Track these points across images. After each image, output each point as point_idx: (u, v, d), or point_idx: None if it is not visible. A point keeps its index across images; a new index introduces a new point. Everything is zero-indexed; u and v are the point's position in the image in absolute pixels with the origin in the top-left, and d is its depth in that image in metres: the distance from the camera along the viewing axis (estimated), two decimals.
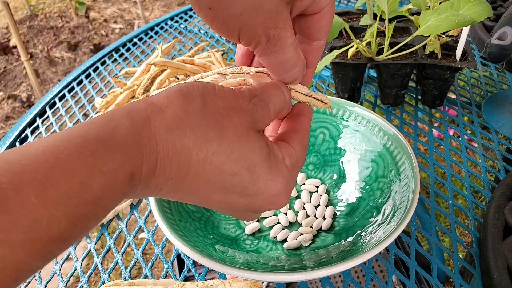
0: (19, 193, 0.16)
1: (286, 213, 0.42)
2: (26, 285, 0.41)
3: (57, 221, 0.17)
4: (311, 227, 0.41)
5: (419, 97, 0.62)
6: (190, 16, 0.98)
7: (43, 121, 0.67)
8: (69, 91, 0.73)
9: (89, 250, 0.44)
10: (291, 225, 0.42)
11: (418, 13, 0.62)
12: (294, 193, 0.45)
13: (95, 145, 0.18)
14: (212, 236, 0.38)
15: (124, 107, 0.21)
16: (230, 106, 0.23)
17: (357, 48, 0.55)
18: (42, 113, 0.69)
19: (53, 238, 0.17)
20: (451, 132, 0.56)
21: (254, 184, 0.23)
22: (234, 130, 0.23)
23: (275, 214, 0.43)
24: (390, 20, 0.53)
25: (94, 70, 0.79)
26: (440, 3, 0.52)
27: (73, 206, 0.17)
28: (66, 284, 0.40)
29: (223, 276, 0.40)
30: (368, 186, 0.42)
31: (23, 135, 0.64)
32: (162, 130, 0.21)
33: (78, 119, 0.65)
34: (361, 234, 0.37)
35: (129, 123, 0.20)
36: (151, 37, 0.89)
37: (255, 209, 0.25)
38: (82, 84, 0.75)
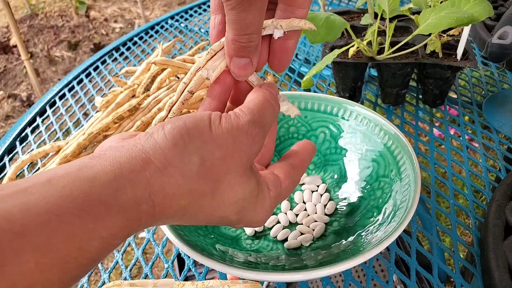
0: (19, 258, 0.16)
1: (286, 213, 0.42)
2: None
3: (51, 285, 0.17)
4: (312, 227, 0.41)
5: (420, 96, 0.62)
6: (191, 15, 0.97)
7: (43, 120, 0.67)
8: (69, 90, 0.73)
9: None
10: (292, 225, 0.42)
11: (419, 12, 0.62)
12: (295, 195, 0.45)
13: (98, 208, 0.18)
14: (212, 236, 0.38)
15: (124, 161, 0.21)
16: (228, 155, 0.23)
17: (358, 47, 0.55)
18: (42, 112, 0.69)
19: None
20: (452, 132, 0.56)
21: (239, 221, 0.26)
22: (228, 178, 0.24)
23: (276, 214, 0.43)
24: (391, 20, 0.53)
25: (95, 69, 0.79)
26: (441, 2, 0.52)
27: (68, 270, 0.17)
28: None
29: (223, 276, 0.40)
30: (369, 186, 0.42)
31: (23, 134, 0.64)
32: (160, 196, 0.21)
33: (78, 118, 0.65)
34: (362, 234, 0.37)
35: (131, 188, 0.20)
36: (151, 36, 0.89)
37: (234, 227, 0.28)
38: (82, 83, 0.75)
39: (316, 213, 0.42)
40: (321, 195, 0.44)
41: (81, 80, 0.76)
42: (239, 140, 0.24)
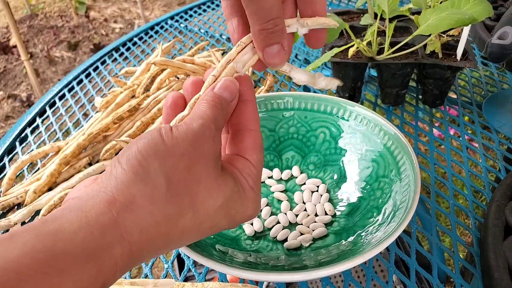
0: None
1: (286, 213, 0.42)
2: None
3: None
4: (312, 228, 0.41)
5: (420, 96, 0.62)
6: (191, 16, 0.97)
7: (43, 120, 0.67)
8: (69, 91, 0.73)
9: None
10: (291, 225, 0.42)
11: (419, 13, 0.62)
12: (294, 195, 0.45)
13: (63, 261, 0.17)
14: (212, 236, 0.38)
15: (87, 208, 0.19)
16: (192, 162, 0.22)
17: (357, 47, 0.55)
18: (42, 112, 0.69)
19: None
20: (451, 132, 0.56)
21: (230, 223, 0.25)
22: (204, 187, 0.22)
23: (275, 214, 0.43)
24: (391, 20, 0.53)
25: (94, 70, 0.79)
26: (440, 2, 0.52)
27: None
28: None
29: (223, 276, 0.40)
30: (368, 186, 0.42)
31: (23, 134, 0.64)
32: (135, 233, 0.20)
33: (78, 119, 0.65)
34: (362, 234, 0.37)
35: (99, 234, 0.19)
36: (151, 36, 0.89)
37: (231, 228, 0.27)
38: (82, 84, 0.75)
39: (316, 213, 0.42)
40: (321, 196, 0.44)
41: (81, 81, 0.76)
42: (198, 144, 0.23)
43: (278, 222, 0.42)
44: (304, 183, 0.46)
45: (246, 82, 0.28)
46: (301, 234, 0.40)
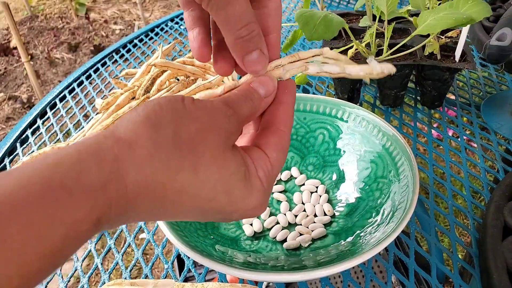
0: None
1: (285, 214, 0.43)
2: None
3: (8, 279, 0.15)
4: (311, 228, 0.41)
5: (418, 98, 0.62)
6: None
7: (43, 122, 0.67)
8: (70, 92, 0.73)
9: (90, 251, 0.44)
10: (291, 226, 0.42)
11: (417, 14, 0.62)
12: (294, 196, 0.45)
13: (59, 193, 0.17)
14: (212, 236, 0.38)
15: (91, 142, 0.19)
16: (205, 128, 0.22)
17: (356, 49, 0.55)
18: (42, 114, 0.69)
19: None
20: (450, 133, 0.56)
21: (231, 205, 0.23)
22: (210, 153, 0.22)
23: (275, 215, 0.43)
24: (389, 21, 0.54)
25: (95, 71, 0.79)
26: (439, 4, 0.52)
27: (28, 263, 0.16)
28: (67, 284, 0.41)
29: (223, 276, 0.40)
30: (367, 187, 0.42)
31: (23, 136, 0.64)
32: (132, 172, 0.19)
33: (79, 120, 0.65)
34: (361, 234, 0.37)
35: (96, 167, 0.19)
36: (151, 38, 0.89)
37: (230, 220, 0.25)
38: (83, 85, 0.75)
39: (315, 214, 0.42)
40: (320, 196, 0.44)
41: (82, 82, 0.76)
42: (214, 116, 0.23)
43: (278, 223, 0.42)
44: (303, 184, 0.46)
45: (290, 86, 0.27)
46: (300, 234, 0.40)
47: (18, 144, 0.62)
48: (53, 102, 0.71)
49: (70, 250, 0.18)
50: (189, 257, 0.41)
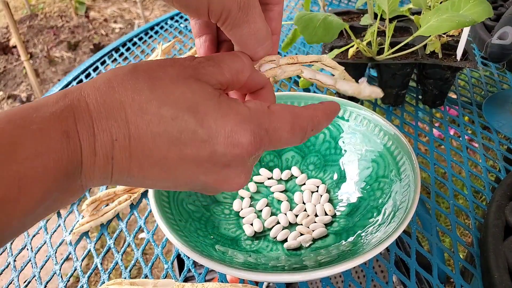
0: None
1: (286, 214, 0.42)
2: (26, 285, 0.41)
3: None
4: (312, 228, 0.41)
5: (420, 97, 0.62)
6: None
7: None
8: None
9: (89, 250, 0.44)
10: (291, 225, 0.42)
11: (419, 13, 0.62)
12: (294, 195, 0.45)
13: (27, 111, 0.19)
14: (212, 236, 0.38)
15: (70, 89, 0.22)
16: (166, 64, 0.22)
17: (357, 47, 0.55)
18: None
19: None
20: (451, 132, 0.56)
21: (202, 124, 0.21)
22: (169, 78, 0.22)
23: (275, 215, 0.43)
24: (391, 20, 0.53)
25: (94, 70, 0.79)
26: (440, 2, 0.52)
27: None
28: (66, 284, 0.40)
29: (223, 277, 0.40)
30: (368, 186, 0.42)
31: None
32: (91, 92, 0.21)
33: None
34: (362, 234, 0.37)
35: (62, 93, 0.21)
36: (151, 36, 0.89)
37: (221, 159, 0.22)
38: None
39: (316, 213, 0.42)
40: (321, 196, 0.44)
41: (81, 81, 0.76)
42: (179, 61, 0.23)
43: (278, 223, 0.42)
44: (304, 184, 0.46)
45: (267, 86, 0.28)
46: (301, 234, 0.40)
47: None
48: None
49: (31, 197, 0.18)
50: (189, 257, 0.40)
